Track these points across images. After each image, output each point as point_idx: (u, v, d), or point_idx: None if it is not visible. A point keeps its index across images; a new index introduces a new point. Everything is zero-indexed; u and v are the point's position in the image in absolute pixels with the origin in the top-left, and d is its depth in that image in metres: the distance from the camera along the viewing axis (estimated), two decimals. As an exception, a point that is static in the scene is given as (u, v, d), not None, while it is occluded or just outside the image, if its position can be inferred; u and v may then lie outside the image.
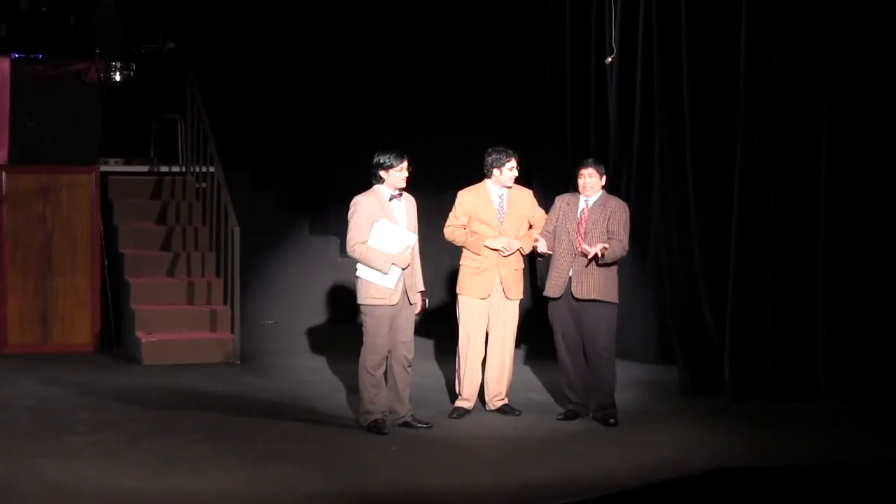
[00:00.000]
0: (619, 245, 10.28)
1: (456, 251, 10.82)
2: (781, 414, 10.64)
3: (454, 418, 10.52)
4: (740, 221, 11.01)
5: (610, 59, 12.56)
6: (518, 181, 10.70)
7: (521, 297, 10.72)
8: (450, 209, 10.69)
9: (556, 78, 13.71)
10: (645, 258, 12.50)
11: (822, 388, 10.90)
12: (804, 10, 10.76)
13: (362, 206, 9.97)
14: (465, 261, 10.60)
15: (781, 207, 10.91)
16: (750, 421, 10.46)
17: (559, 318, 10.40)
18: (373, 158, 10.05)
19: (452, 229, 10.63)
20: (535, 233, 10.57)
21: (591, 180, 10.32)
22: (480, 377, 10.69)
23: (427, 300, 10.41)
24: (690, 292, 11.54)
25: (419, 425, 10.20)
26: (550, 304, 10.46)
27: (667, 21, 11.73)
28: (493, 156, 10.55)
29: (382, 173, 9.96)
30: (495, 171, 10.53)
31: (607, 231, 10.29)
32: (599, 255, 10.12)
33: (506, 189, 10.57)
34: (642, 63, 12.19)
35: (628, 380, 11.81)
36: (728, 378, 11.03)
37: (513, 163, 10.53)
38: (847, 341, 10.84)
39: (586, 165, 10.41)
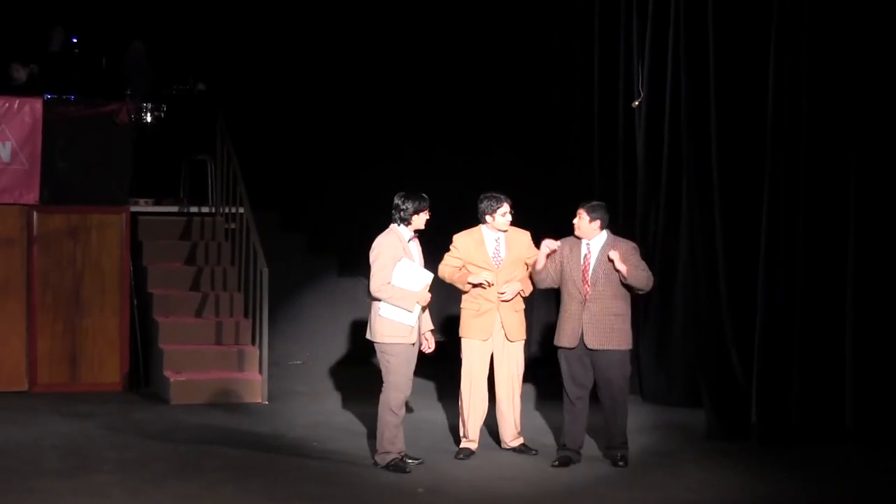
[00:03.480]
0: (646, 274, 10.27)
1: (454, 296, 10.82)
2: (809, 458, 10.57)
3: (460, 459, 10.52)
4: (767, 265, 10.98)
5: (637, 103, 12.58)
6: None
7: (524, 338, 10.72)
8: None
9: (584, 122, 13.71)
10: (672, 301, 12.46)
11: (850, 433, 10.82)
12: (832, 54, 10.74)
13: (386, 247, 10.06)
14: (466, 303, 10.63)
15: (809, 251, 10.87)
16: (777, 464, 10.40)
17: (570, 364, 10.33)
18: (396, 200, 10.13)
19: (446, 267, 10.65)
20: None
21: (578, 221, 10.28)
22: (484, 418, 10.70)
23: (437, 336, 10.48)
24: (717, 335, 11.51)
25: (410, 461, 10.20)
26: (560, 351, 10.38)
27: (694, 64, 11.75)
28: (485, 202, 10.56)
29: (414, 217, 10.05)
30: (488, 217, 10.55)
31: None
32: (621, 268, 10.11)
33: (502, 233, 10.59)
34: (670, 107, 12.20)
35: (654, 422, 11.79)
36: (755, 421, 10.99)
37: (505, 207, 10.51)
38: (875, 385, 10.75)
39: (580, 206, 10.36)
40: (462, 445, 10.69)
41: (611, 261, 10.14)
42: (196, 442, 11.05)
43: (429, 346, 10.31)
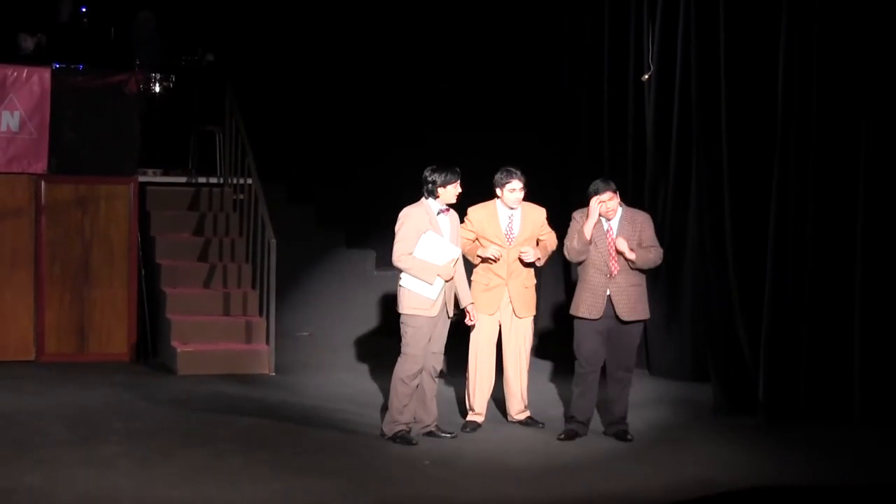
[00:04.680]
0: (655, 252, 10.25)
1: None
2: (815, 435, 10.55)
3: (467, 432, 10.52)
4: (777, 241, 10.94)
5: (647, 77, 12.54)
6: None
7: (533, 314, 10.71)
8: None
9: (594, 97, 13.67)
10: (681, 276, 12.45)
11: (857, 411, 10.79)
12: (844, 27, 10.68)
13: (411, 218, 10.04)
14: (476, 277, 10.62)
15: (819, 228, 10.82)
16: (783, 441, 10.38)
17: (588, 338, 10.27)
18: (425, 173, 10.09)
19: (459, 239, 10.63)
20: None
21: (612, 203, 10.19)
22: (490, 391, 10.71)
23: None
24: (726, 311, 11.48)
25: (443, 434, 10.26)
26: (579, 322, 10.35)
27: (705, 38, 11.70)
28: (498, 175, 10.56)
29: (441, 190, 10.03)
30: (498, 190, 10.56)
31: (640, 245, 10.23)
32: (631, 257, 10.10)
33: (515, 209, 10.58)
34: (680, 81, 12.15)
35: (662, 397, 11.79)
36: (762, 398, 10.96)
37: (515, 184, 10.46)
38: (883, 364, 10.72)
39: (603, 190, 10.18)
40: (468, 418, 10.69)
41: (619, 252, 10.12)
42: (204, 413, 11.05)
43: (471, 318, 10.32)
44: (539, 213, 10.71)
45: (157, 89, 14.56)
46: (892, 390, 10.71)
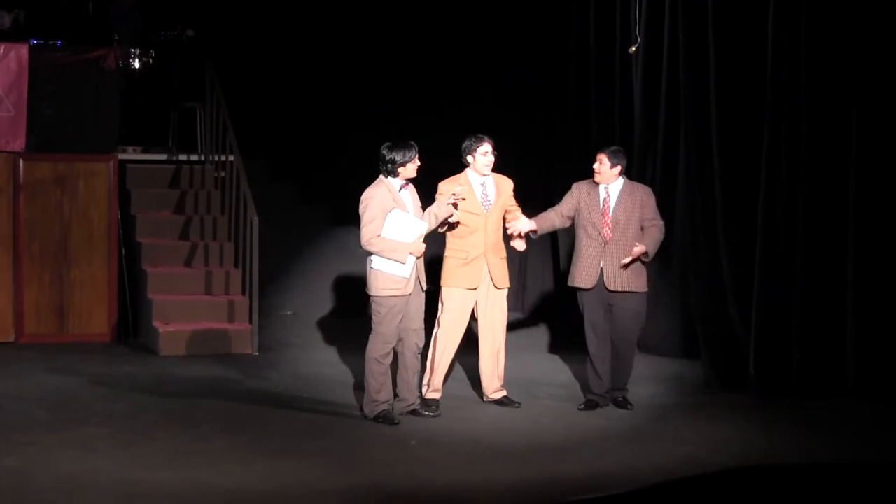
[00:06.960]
0: (657, 230, 10.34)
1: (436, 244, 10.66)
2: (807, 411, 10.50)
3: (433, 411, 10.32)
4: (767, 215, 10.88)
5: (633, 49, 12.42)
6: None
7: (509, 285, 10.62)
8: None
9: (581, 71, 13.56)
10: (670, 251, 12.35)
11: (849, 387, 10.73)
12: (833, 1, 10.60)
13: (376, 199, 9.92)
14: (452, 251, 10.47)
15: (809, 201, 10.76)
16: (775, 418, 10.32)
17: (590, 308, 10.37)
18: (382, 151, 9.98)
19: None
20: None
21: (599, 166, 10.36)
22: (451, 368, 10.58)
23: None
24: (716, 287, 11.43)
25: (427, 413, 10.17)
26: (580, 293, 10.41)
27: (693, 10, 11.60)
28: (466, 142, 10.48)
29: (400, 169, 9.90)
30: (469, 157, 10.46)
31: (641, 220, 10.30)
32: (640, 251, 10.19)
33: (487, 177, 10.46)
34: (668, 54, 12.05)
35: (652, 374, 11.72)
36: (753, 374, 10.92)
37: (486, 146, 10.42)
38: (875, 340, 10.65)
39: (600, 151, 10.48)
40: (429, 396, 10.47)
41: (626, 266, 10.21)
42: (186, 394, 10.96)
43: (456, 196, 10.21)
44: (508, 183, 10.65)
45: (137, 65, 14.41)
46: (884, 365, 10.66)
